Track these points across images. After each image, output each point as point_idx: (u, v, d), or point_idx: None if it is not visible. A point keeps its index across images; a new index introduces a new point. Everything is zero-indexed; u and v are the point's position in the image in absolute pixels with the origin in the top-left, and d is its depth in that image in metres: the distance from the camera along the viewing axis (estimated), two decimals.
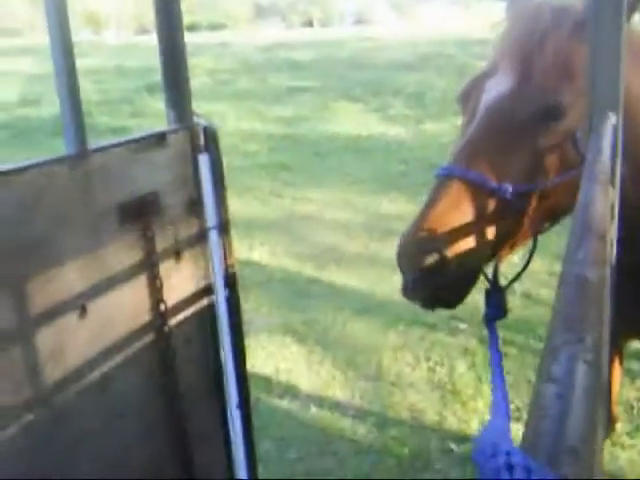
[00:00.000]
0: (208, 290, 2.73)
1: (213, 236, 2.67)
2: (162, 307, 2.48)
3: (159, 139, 2.44)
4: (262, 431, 4.12)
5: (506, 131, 1.94)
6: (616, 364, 3.34)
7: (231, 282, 2.73)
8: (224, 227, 2.68)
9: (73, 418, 2.20)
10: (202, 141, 2.57)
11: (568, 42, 2.00)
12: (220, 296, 2.72)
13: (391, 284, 5.71)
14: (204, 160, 2.58)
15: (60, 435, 2.17)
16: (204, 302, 2.72)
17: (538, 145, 1.96)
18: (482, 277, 2.10)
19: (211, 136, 2.59)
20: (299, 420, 4.65)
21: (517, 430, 3.74)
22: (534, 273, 6.49)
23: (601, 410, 0.56)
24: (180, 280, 2.59)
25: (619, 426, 4.24)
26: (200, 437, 2.72)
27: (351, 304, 6.27)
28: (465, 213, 1.87)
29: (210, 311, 2.75)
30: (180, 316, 2.59)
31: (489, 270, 2.21)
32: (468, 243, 1.87)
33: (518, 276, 2.24)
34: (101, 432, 2.32)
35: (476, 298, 2.23)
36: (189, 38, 2.66)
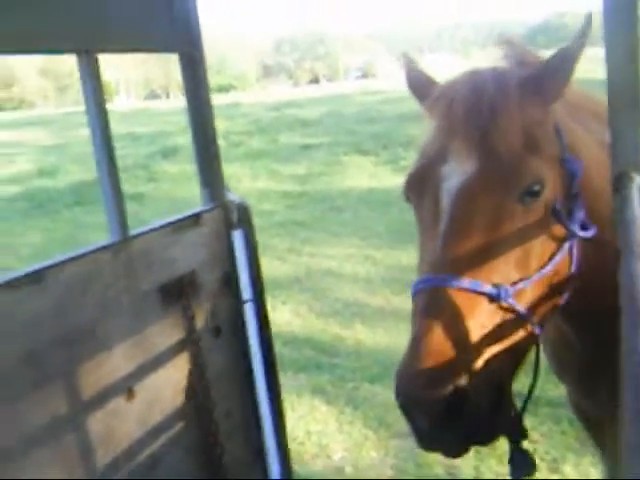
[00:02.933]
0: (246, 362, 2.77)
1: (250, 309, 2.73)
2: (204, 383, 2.52)
3: (195, 219, 2.52)
4: None
5: (483, 221, 1.67)
6: None
7: (269, 353, 2.77)
8: (260, 298, 2.74)
9: None
10: (235, 218, 2.65)
11: (520, 108, 1.78)
12: (258, 367, 2.76)
13: None
14: (238, 236, 2.66)
15: None
16: (243, 374, 2.76)
17: (522, 229, 1.70)
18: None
19: (243, 212, 2.67)
20: None
21: None
22: None
23: None
24: (220, 354, 2.64)
25: None
26: None
27: (378, 360, 6.26)
28: (469, 330, 1.57)
29: (249, 383, 2.79)
30: (221, 390, 2.63)
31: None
32: (484, 365, 1.57)
33: (530, 395, 1.85)
34: None
35: None
36: None
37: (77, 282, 2.08)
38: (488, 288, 1.60)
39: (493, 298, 1.61)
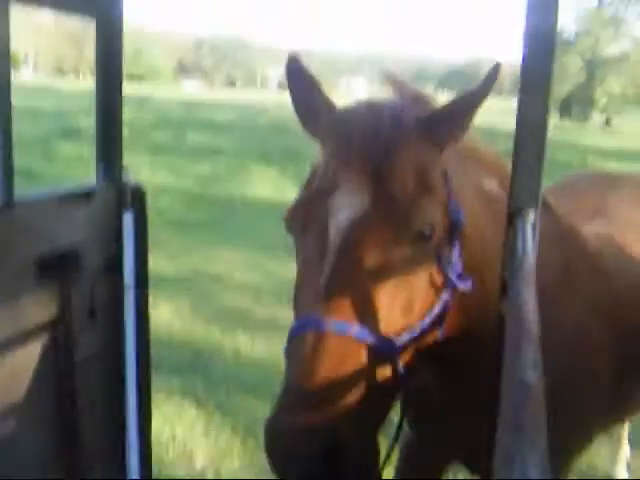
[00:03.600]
0: (118, 352, 2.65)
1: (130, 295, 2.61)
2: (70, 367, 2.39)
3: (85, 196, 2.39)
4: None
5: (371, 262, 1.60)
6: None
7: (143, 346, 2.66)
8: (142, 286, 2.63)
9: None
10: (129, 199, 2.54)
11: (415, 148, 1.74)
12: (130, 359, 2.64)
13: None
14: (129, 218, 2.54)
15: None
16: (114, 363, 2.63)
17: (409, 273, 1.65)
18: None
19: (138, 195, 2.56)
20: None
21: None
22: None
23: None
24: (92, 339, 2.51)
25: None
26: None
27: (254, 371, 6.19)
28: (348, 378, 1.50)
29: (118, 374, 2.66)
30: (88, 377, 2.50)
31: None
32: (359, 414, 1.49)
33: (393, 446, 1.77)
34: None
35: None
36: None
37: None
38: (374, 339, 1.55)
39: (377, 351, 1.55)
